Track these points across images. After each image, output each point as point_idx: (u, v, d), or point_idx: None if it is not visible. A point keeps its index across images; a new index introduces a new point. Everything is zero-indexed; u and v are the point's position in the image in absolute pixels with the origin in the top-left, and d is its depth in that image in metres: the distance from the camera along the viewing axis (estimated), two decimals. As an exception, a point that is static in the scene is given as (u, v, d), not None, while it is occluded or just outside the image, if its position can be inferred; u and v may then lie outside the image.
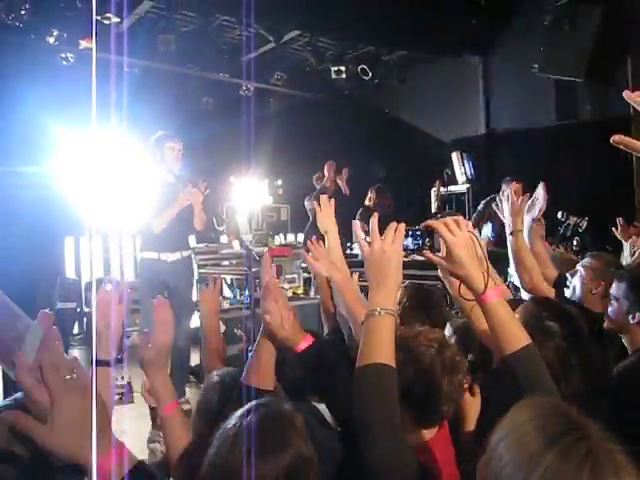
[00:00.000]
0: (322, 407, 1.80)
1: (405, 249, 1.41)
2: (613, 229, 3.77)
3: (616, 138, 1.27)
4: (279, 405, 1.37)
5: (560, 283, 2.54)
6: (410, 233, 1.45)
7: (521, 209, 2.50)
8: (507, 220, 2.50)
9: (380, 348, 1.28)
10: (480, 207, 5.58)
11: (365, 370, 1.27)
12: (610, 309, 2.13)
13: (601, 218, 4.52)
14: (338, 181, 6.91)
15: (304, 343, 1.63)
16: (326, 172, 6.82)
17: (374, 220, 1.37)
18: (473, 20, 6.97)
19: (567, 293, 2.48)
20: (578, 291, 2.43)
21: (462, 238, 1.37)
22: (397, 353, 1.36)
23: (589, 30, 6.39)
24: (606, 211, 4.58)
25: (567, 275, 2.53)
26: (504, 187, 5.25)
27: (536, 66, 6.63)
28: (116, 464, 0.90)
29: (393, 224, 1.37)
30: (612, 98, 6.68)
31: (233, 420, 1.30)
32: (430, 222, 1.43)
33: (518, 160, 7.30)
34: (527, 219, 2.56)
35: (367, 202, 6.87)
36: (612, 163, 6.28)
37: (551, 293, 2.35)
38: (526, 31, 7.07)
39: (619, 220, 3.75)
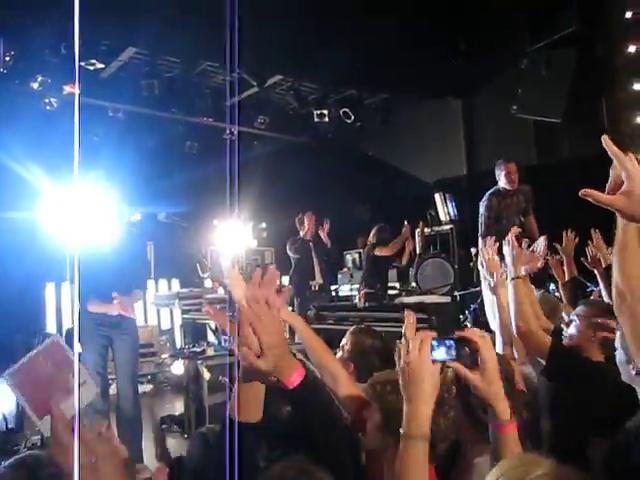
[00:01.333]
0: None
1: (434, 361, 1.31)
2: (583, 259, 3.77)
3: (584, 192, 1.29)
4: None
5: (558, 332, 2.52)
6: (443, 343, 1.33)
7: (522, 256, 2.48)
8: (508, 266, 2.48)
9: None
10: None
11: None
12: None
13: (581, 255, 4.55)
14: (320, 232, 6.89)
15: (296, 377, 1.27)
16: (306, 224, 6.76)
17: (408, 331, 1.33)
18: (454, 63, 7.12)
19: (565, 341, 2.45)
20: (575, 340, 2.41)
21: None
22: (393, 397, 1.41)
23: (565, 73, 6.58)
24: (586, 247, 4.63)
25: (562, 326, 2.50)
26: (497, 172, 5.40)
27: (515, 107, 6.78)
28: None
29: (420, 333, 1.32)
30: (590, 137, 6.81)
31: None
32: (464, 333, 1.35)
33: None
34: (523, 268, 2.54)
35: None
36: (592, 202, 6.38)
37: (545, 339, 2.31)
38: (505, 74, 7.26)
39: (589, 250, 3.75)
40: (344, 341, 2.41)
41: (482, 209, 5.43)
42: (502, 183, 5.35)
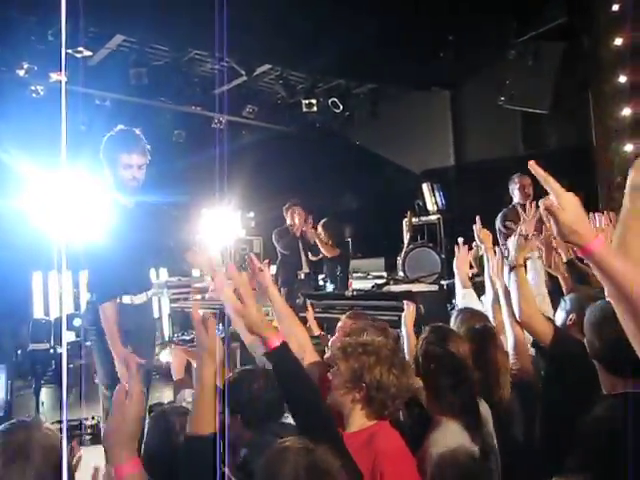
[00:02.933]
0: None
1: None
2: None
3: (532, 164, 1.30)
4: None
5: None
6: None
7: (527, 245, 2.56)
8: (511, 254, 2.55)
9: None
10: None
11: None
12: None
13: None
14: (304, 228, 6.88)
15: (276, 340, 1.68)
16: (296, 221, 6.66)
17: None
18: (441, 54, 7.14)
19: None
20: (560, 322, 2.50)
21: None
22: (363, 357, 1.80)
23: (552, 65, 6.63)
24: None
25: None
26: (511, 186, 5.28)
27: (502, 98, 6.82)
28: None
29: None
30: (576, 129, 6.90)
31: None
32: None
33: (487, 189, 7.43)
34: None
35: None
36: (576, 191, 6.45)
37: (545, 325, 2.37)
38: (492, 65, 7.30)
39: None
40: (340, 324, 2.50)
41: (499, 223, 5.22)
42: (517, 198, 5.21)
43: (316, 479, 1.28)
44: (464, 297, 3.27)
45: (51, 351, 6.26)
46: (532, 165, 1.29)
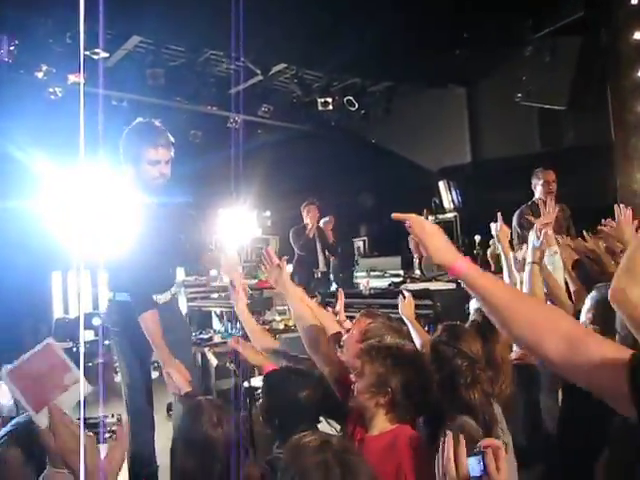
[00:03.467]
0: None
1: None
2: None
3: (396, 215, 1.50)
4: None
5: None
6: (475, 459, 1.34)
7: (546, 240, 2.60)
8: (529, 250, 2.55)
9: None
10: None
11: None
12: None
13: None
14: (321, 225, 6.90)
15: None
16: (309, 220, 6.71)
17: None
18: (457, 51, 7.09)
19: None
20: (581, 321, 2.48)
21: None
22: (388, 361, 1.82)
23: (569, 60, 6.55)
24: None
25: None
26: (534, 181, 5.16)
27: (519, 95, 6.76)
28: None
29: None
30: (594, 125, 6.81)
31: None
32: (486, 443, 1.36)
33: (504, 186, 7.37)
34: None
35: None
36: (596, 188, 6.39)
37: None
38: (509, 61, 7.23)
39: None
40: (355, 322, 2.47)
41: (515, 221, 5.08)
42: (538, 193, 5.07)
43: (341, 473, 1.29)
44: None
45: (74, 350, 6.34)
46: (396, 216, 1.51)
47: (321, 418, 2.14)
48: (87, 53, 5.31)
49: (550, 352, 1.17)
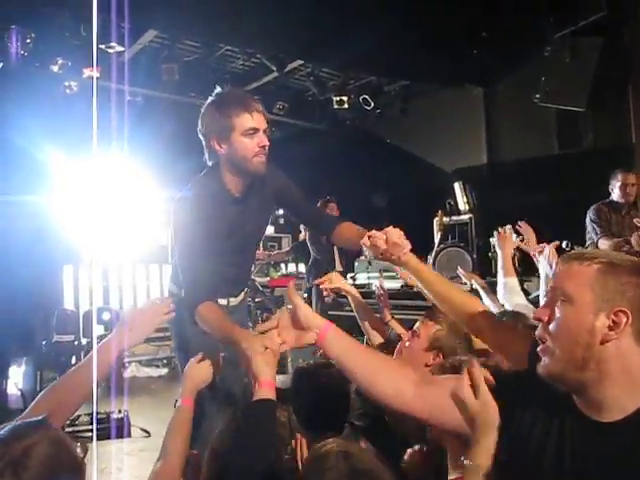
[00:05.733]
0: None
1: None
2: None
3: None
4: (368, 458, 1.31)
5: None
6: None
7: None
8: (542, 280, 2.65)
9: None
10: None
11: None
12: None
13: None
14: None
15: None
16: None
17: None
18: (475, 51, 7.00)
19: None
20: None
21: None
22: None
23: (590, 61, 6.43)
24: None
25: None
26: (612, 182, 4.93)
27: (538, 96, 6.65)
28: None
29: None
30: (614, 127, 6.70)
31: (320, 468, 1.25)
32: None
33: (521, 189, 7.28)
34: None
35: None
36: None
37: None
38: (528, 62, 7.12)
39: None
40: (417, 327, 2.28)
41: (591, 217, 4.91)
42: (615, 196, 4.88)
43: None
44: (505, 287, 3.03)
45: (75, 343, 6.33)
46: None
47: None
48: (102, 47, 5.29)
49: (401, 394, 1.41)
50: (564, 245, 5.58)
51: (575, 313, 1.21)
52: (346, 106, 8.19)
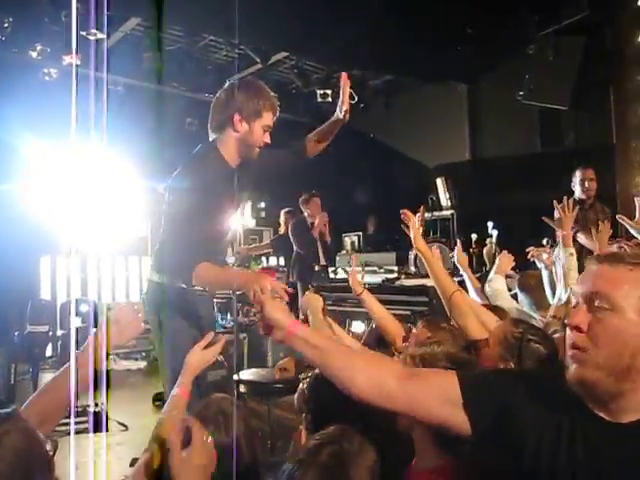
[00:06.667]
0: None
1: None
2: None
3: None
4: (349, 442, 1.29)
5: None
6: None
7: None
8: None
9: None
10: None
11: None
12: None
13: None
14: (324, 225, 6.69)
15: None
16: (309, 212, 6.51)
17: None
18: (459, 47, 7.01)
19: None
20: None
21: None
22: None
23: (573, 60, 6.48)
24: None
25: None
26: (573, 180, 5.00)
27: (521, 94, 6.69)
28: None
29: None
30: (596, 126, 6.76)
31: (301, 457, 1.24)
32: None
33: (503, 186, 7.32)
34: None
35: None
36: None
37: None
38: (511, 59, 7.16)
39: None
40: (417, 331, 2.28)
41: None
42: (577, 192, 4.94)
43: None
44: (490, 281, 3.11)
45: (50, 333, 6.23)
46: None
47: None
48: (83, 33, 5.18)
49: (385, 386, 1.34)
50: (544, 242, 5.63)
51: (623, 321, 1.16)
52: (330, 100, 8.15)
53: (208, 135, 2.65)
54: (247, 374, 4.28)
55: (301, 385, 1.88)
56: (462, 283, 3.27)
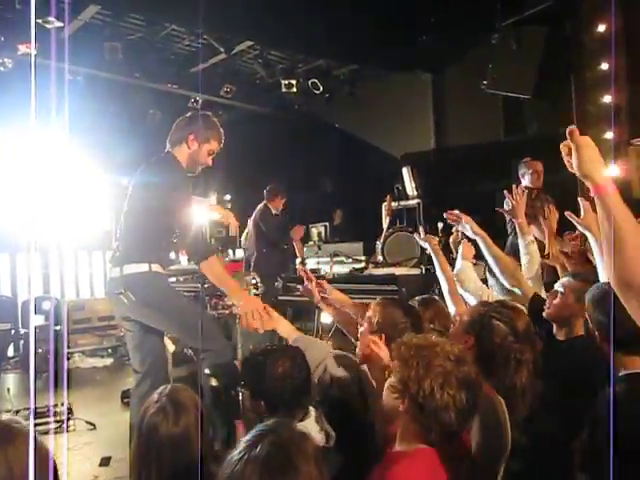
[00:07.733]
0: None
1: None
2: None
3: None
4: (288, 431, 1.28)
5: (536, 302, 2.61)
6: None
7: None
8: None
9: None
10: None
11: None
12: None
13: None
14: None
15: None
16: (273, 206, 6.54)
17: None
18: (423, 37, 7.03)
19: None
20: (559, 311, 2.43)
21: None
22: (412, 362, 1.52)
23: (535, 50, 6.56)
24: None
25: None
26: (522, 170, 5.12)
27: (485, 83, 6.74)
28: None
29: None
30: (558, 115, 6.86)
31: (240, 451, 1.21)
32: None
33: (468, 174, 7.39)
34: None
35: None
36: (559, 177, 6.44)
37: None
38: (476, 49, 7.21)
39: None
40: (370, 313, 2.29)
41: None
42: (526, 182, 5.04)
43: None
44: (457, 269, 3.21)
45: (12, 332, 6.06)
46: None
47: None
48: (39, 21, 5.01)
49: None
50: (509, 230, 5.72)
51: None
52: (294, 90, 8.10)
53: (171, 127, 3.19)
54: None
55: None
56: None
